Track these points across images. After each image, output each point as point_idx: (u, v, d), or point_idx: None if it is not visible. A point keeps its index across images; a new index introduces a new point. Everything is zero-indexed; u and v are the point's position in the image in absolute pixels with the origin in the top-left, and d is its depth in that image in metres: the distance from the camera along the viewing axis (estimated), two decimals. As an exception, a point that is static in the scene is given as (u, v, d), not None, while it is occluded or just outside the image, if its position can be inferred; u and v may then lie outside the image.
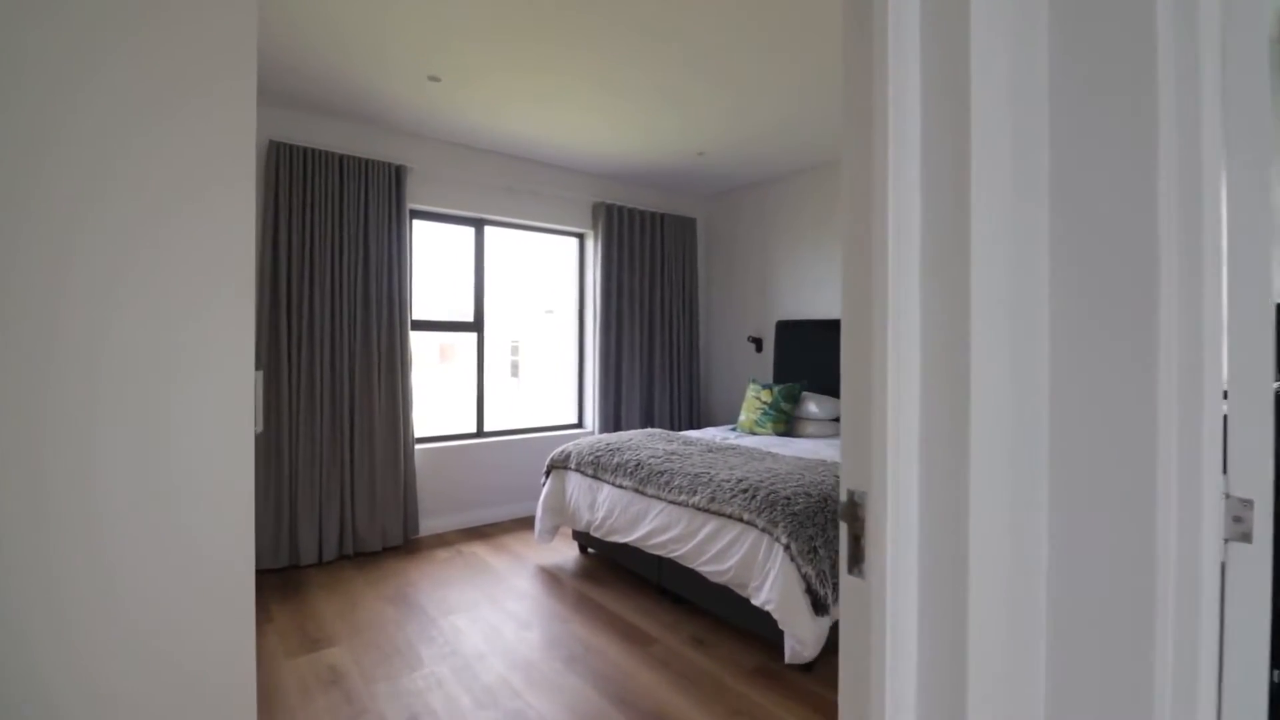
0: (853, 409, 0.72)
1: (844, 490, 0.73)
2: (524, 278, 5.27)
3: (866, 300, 0.71)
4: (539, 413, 5.05)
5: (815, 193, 4.63)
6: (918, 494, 0.67)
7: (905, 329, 0.67)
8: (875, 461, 0.67)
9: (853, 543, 0.71)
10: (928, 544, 0.66)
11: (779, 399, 4.11)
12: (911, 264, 0.68)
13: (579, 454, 3.43)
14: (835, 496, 2.44)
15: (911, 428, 0.67)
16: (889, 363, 0.67)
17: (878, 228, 0.68)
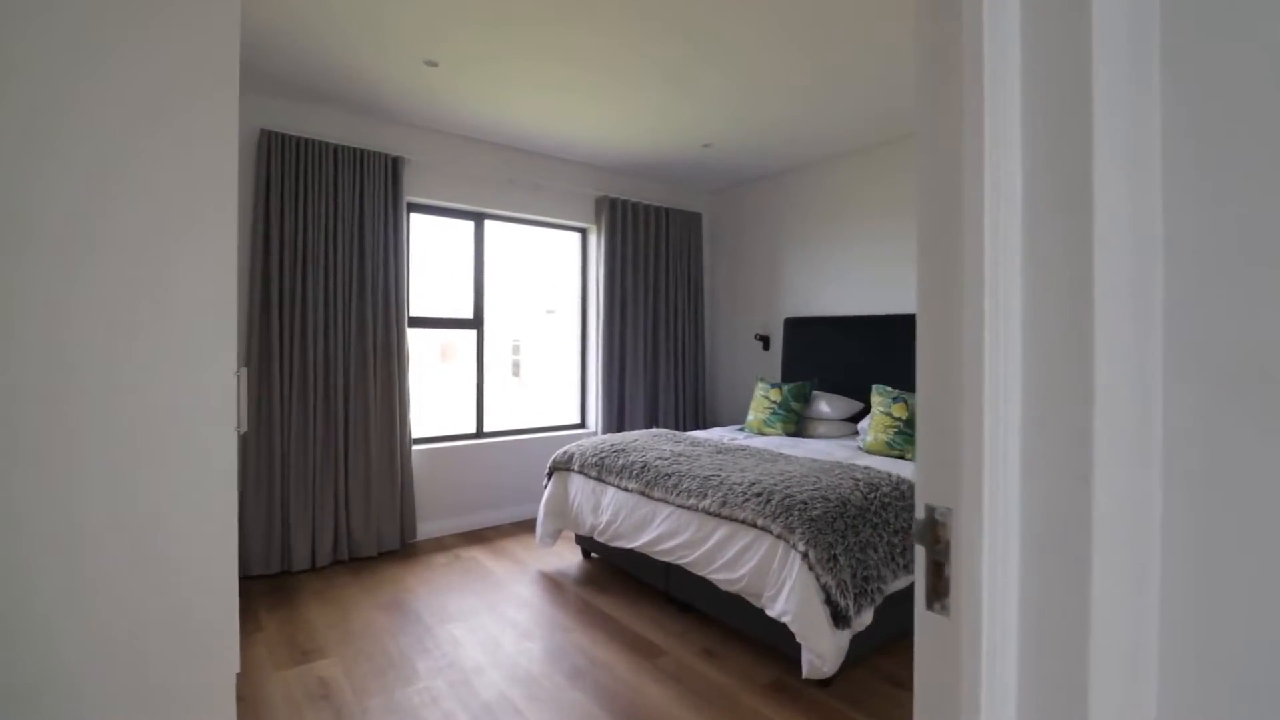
0: (935, 407, 0.59)
1: (920, 505, 0.60)
2: (525, 274, 5.14)
3: (952, 285, 0.57)
4: (541, 413, 4.91)
5: (825, 186, 4.49)
6: (1019, 512, 0.53)
7: (1004, 316, 0.54)
8: (967, 470, 0.54)
9: (933, 571, 0.57)
10: (1035, 575, 0.53)
11: (789, 398, 3.98)
12: (1012, 241, 0.54)
13: (582, 455, 3.30)
14: (854, 501, 2.31)
15: (1011, 428, 0.53)
16: (985, 355, 0.53)
17: (970, 203, 0.55)
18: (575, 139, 4.07)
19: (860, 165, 4.25)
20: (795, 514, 2.20)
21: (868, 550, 2.17)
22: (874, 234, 4.18)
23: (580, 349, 4.84)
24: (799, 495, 2.31)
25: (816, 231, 4.56)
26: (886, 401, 3.41)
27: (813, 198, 4.58)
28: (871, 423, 3.46)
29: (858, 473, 2.62)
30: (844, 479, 2.52)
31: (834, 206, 4.44)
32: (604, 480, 3.10)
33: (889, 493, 2.43)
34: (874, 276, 4.18)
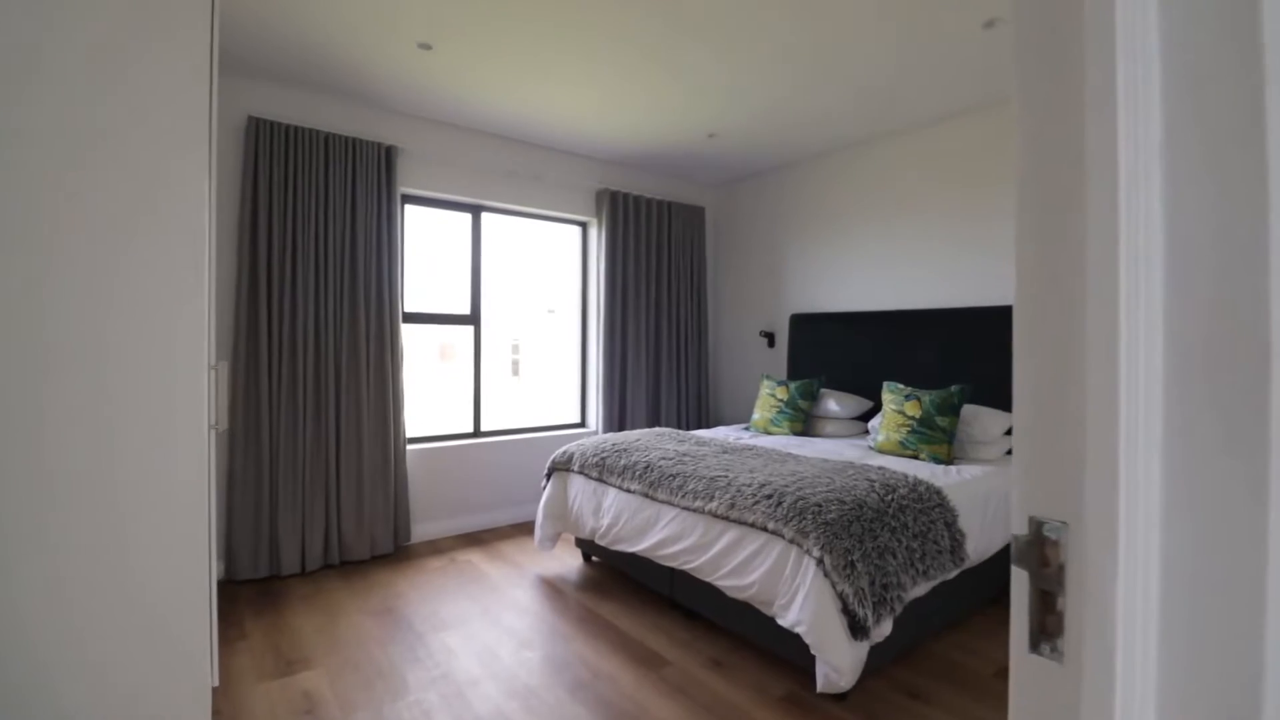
0: (1042, 396, 0.46)
1: (1020, 517, 0.47)
2: (525, 270, 5.01)
3: (1070, 261, 0.44)
4: (541, 413, 4.78)
5: (831, 179, 4.37)
6: (1162, 529, 0.41)
7: (1141, 277, 0.41)
8: (1093, 473, 0.41)
9: (1039, 604, 0.45)
10: (1185, 612, 0.40)
11: (796, 396, 3.85)
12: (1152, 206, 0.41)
13: (582, 455, 3.17)
14: (871, 503, 2.18)
15: (1154, 418, 0.41)
16: (1121, 337, 0.41)
17: (1098, 166, 0.42)
18: (575, 130, 3.94)
19: (867, 158, 4.12)
20: (809, 517, 2.07)
21: (886, 556, 2.04)
22: (882, 228, 4.06)
23: (580, 346, 4.72)
24: (812, 497, 2.18)
25: (822, 225, 4.43)
26: (899, 399, 3.29)
27: (818, 191, 4.45)
28: (883, 421, 3.33)
29: (872, 473, 2.49)
30: (858, 480, 2.39)
31: (840, 200, 4.31)
32: (605, 481, 2.98)
33: (906, 495, 2.31)
34: (883, 272, 4.06)
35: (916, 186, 3.87)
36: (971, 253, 3.61)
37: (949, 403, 3.11)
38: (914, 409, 3.19)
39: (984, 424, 3.14)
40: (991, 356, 3.43)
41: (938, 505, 2.35)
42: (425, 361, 4.47)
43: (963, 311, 3.58)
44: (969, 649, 2.48)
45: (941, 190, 3.73)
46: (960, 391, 3.11)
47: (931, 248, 3.79)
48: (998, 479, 2.83)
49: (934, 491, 2.40)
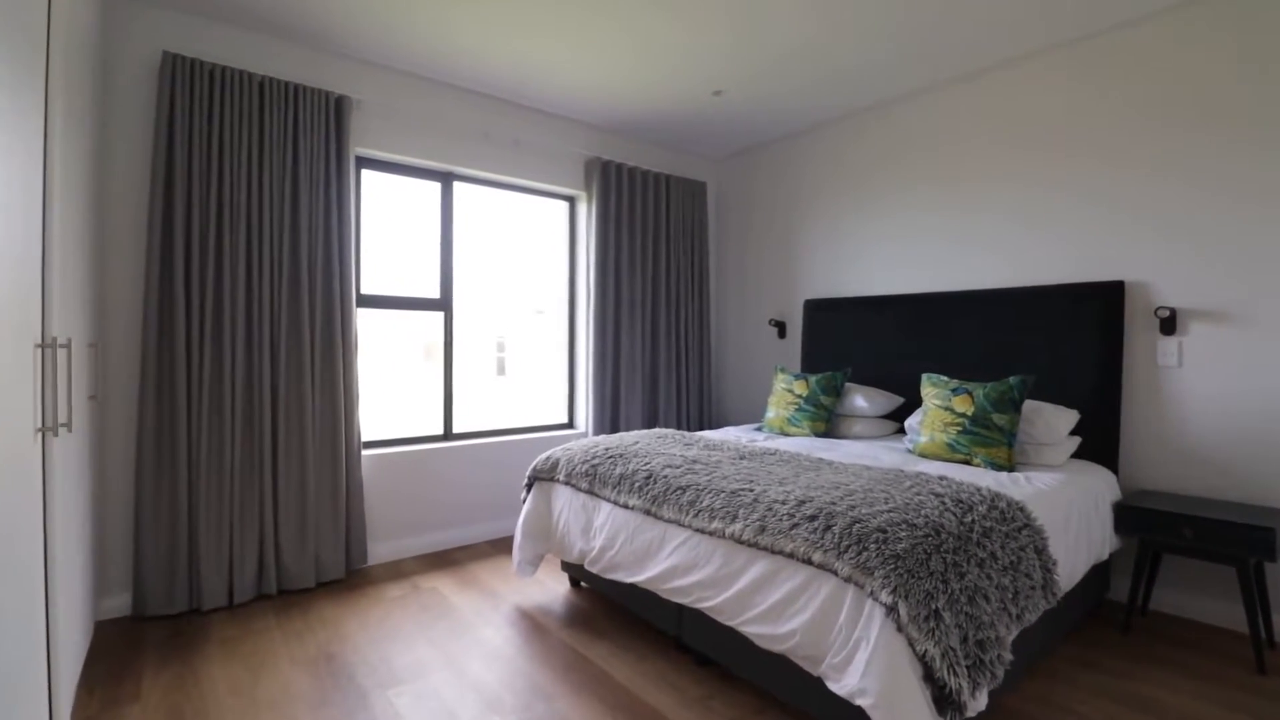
0: None
1: None
2: (507, 252, 4.47)
3: None
4: (529, 413, 4.23)
5: (850, 148, 3.86)
6: None
7: None
8: None
9: None
10: None
11: (817, 391, 3.33)
12: None
13: (570, 462, 2.63)
14: (949, 527, 1.66)
15: None
16: None
17: None
18: (562, 84, 3.41)
19: (902, 117, 3.61)
20: (872, 548, 1.55)
21: (979, 600, 1.52)
22: (910, 202, 3.55)
23: (568, 336, 4.17)
24: (871, 520, 1.65)
25: (842, 200, 3.92)
26: (944, 394, 2.78)
27: (838, 160, 3.94)
28: (925, 420, 2.81)
29: (936, 485, 1.97)
30: (922, 494, 1.87)
31: (865, 170, 3.80)
32: (597, 494, 2.44)
33: (986, 514, 1.79)
34: (914, 250, 3.55)
35: (955, 152, 3.36)
36: (1024, 225, 3.10)
37: (1007, 397, 2.60)
38: (964, 405, 2.68)
39: (1048, 421, 2.64)
40: (1047, 343, 2.93)
41: (1024, 526, 1.83)
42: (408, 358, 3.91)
43: (1011, 293, 3.08)
44: (1059, 705, 1.96)
45: (994, 152, 3.22)
46: (1021, 384, 2.60)
47: (977, 222, 3.28)
48: (1074, 489, 2.33)
49: (1018, 509, 1.88)
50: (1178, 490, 2.65)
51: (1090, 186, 2.88)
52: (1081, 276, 2.91)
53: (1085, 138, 2.89)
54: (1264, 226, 2.44)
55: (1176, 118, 2.64)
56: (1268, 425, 2.44)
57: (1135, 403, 2.77)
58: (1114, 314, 2.77)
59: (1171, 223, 2.66)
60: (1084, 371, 2.82)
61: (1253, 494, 2.47)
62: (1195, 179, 2.60)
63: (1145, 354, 2.75)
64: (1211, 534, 2.26)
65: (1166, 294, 2.68)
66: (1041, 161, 3.03)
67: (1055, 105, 2.99)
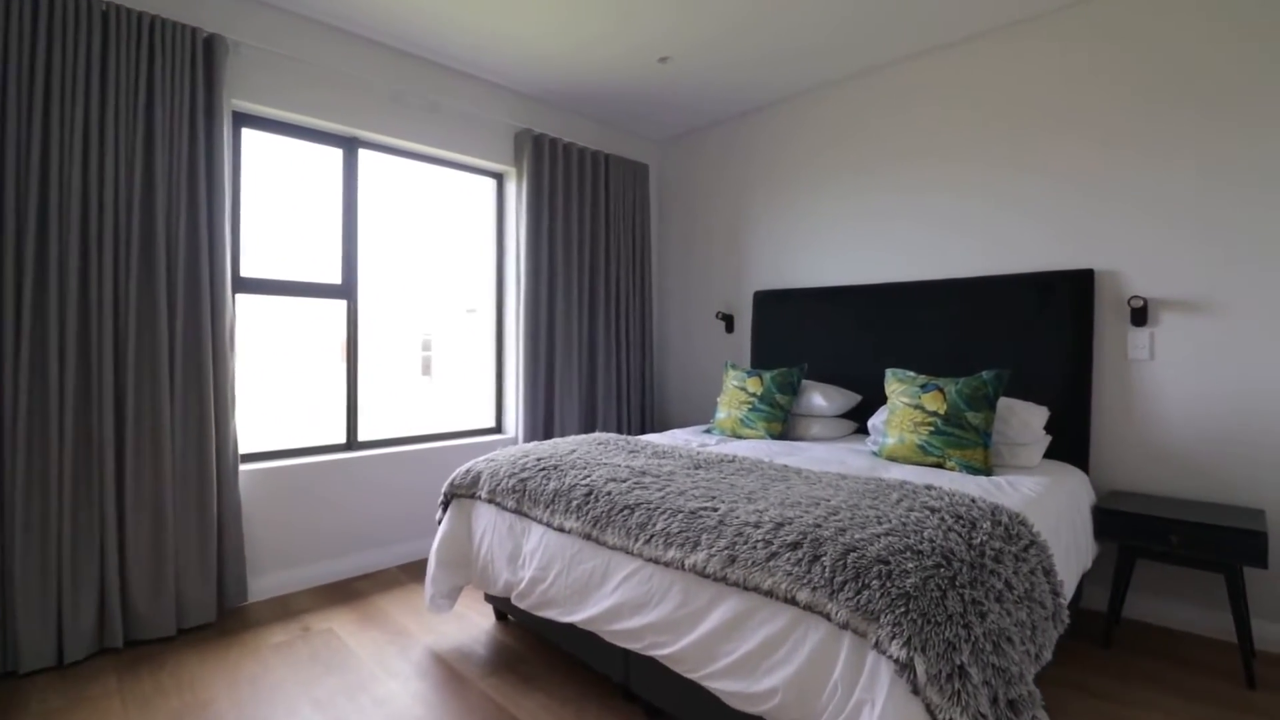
0: None
1: None
2: (430, 237, 3.98)
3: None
4: (455, 417, 3.76)
5: (814, 124, 3.60)
6: None
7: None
8: None
9: None
10: None
11: (772, 390, 3.04)
12: None
13: (494, 476, 2.21)
14: (959, 553, 1.36)
15: None
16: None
17: None
18: (486, 44, 2.97)
19: (847, 100, 3.38)
20: (874, 584, 1.23)
21: (1003, 647, 1.22)
22: (866, 187, 3.32)
23: (495, 329, 3.73)
24: (868, 547, 1.33)
25: (791, 186, 3.66)
26: (912, 391, 2.53)
27: (788, 143, 3.68)
28: (891, 419, 2.56)
29: (926, 496, 1.68)
30: (915, 510, 1.57)
31: (814, 154, 3.55)
32: (526, 514, 2.03)
33: (992, 531, 1.51)
34: (868, 239, 3.32)
35: (919, 131, 3.15)
36: (988, 213, 2.91)
37: (981, 394, 2.37)
38: (936, 402, 2.44)
39: (1024, 420, 2.43)
40: (1013, 335, 2.74)
41: (1031, 544, 1.57)
42: (315, 355, 3.37)
43: (975, 282, 2.88)
44: (1060, 746, 1.72)
45: (956, 134, 3.02)
46: (996, 379, 2.38)
47: (938, 208, 3.07)
48: (1060, 494, 2.12)
49: (1020, 524, 1.61)
50: (1151, 491, 2.51)
51: (1057, 170, 2.71)
52: (1048, 265, 2.74)
53: (1051, 118, 2.72)
54: (1238, 212, 2.32)
55: (1147, 97, 2.49)
56: (1242, 421, 2.31)
57: (1105, 398, 2.61)
58: (1084, 304, 2.60)
59: (1142, 209, 2.52)
60: (1052, 365, 2.65)
61: (1228, 494, 2.34)
62: (1166, 162, 2.46)
63: (1115, 346, 2.60)
64: (1199, 540, 2.09)
65: (1137, 283, 2.53)
66: (1006, 144, 2.85)
67: (1021, 83, 2.81)
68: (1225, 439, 2.35)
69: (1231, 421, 2.34)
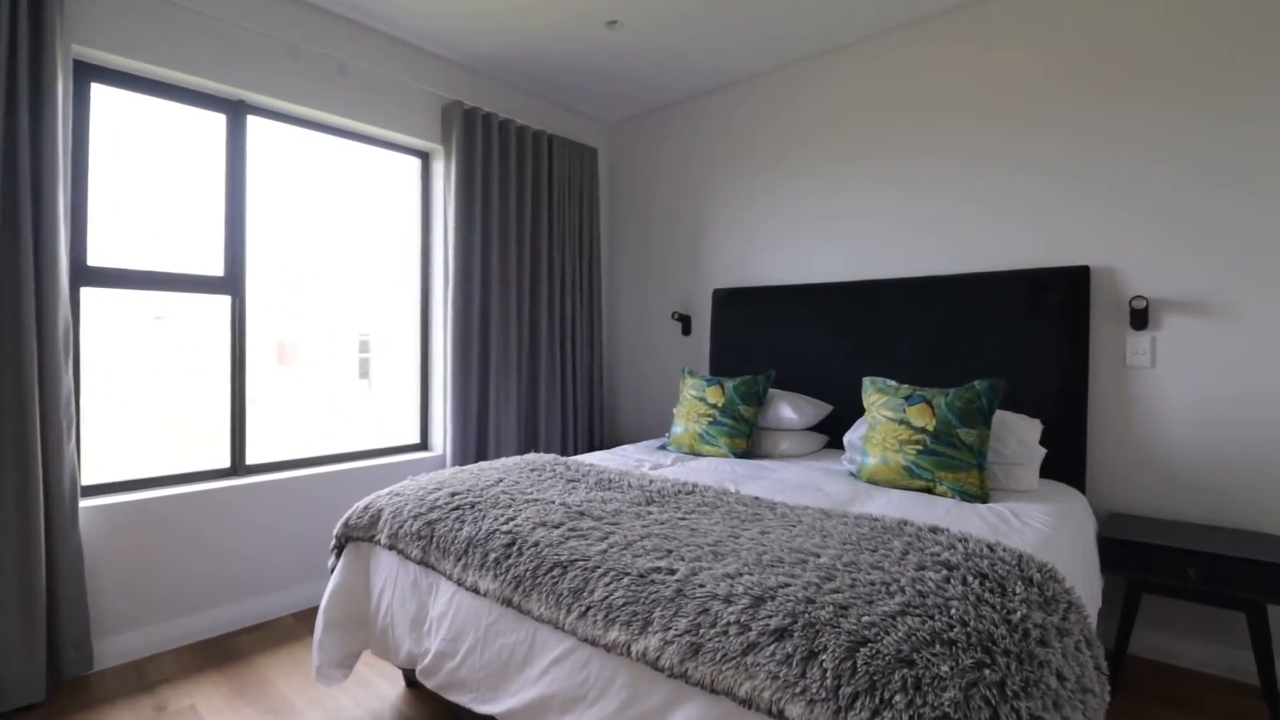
0: None
1: None
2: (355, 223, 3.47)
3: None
4: (393, 426, 3.28)
5: (776, 107, 3.27)
6: None
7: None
8: None
9: None
10: None
11: (735, 400, 2.68)
12: None
13: (397, 515, 1.77)
14: (999, 637, 1.01)
15: None
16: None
17: None
18: (412, 2, 2.52)
19: (823, 80, 3.06)
20: (898, 699, 0.87)
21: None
22: (842, 175, 3.01)
23: (420, 330, 3.26)
24: (882, 635, 0.97)
25: (758, 175, 3.32)
26: (895, 403, 2.21)
27: (755, 127, 3.34)
28: (871, 435, 2.24)
29: (937, 545, 1.34)
30: (928, 565, 1.22)
31: (784, 139, 3.22)
32: (434, 567, 1.61)
33: (1024, 594, 1.17)
34: (843, 233, 3.01)
35: (902, 115, 2.85)
36: (974, 203, 2.63)
37: (974, 407, 2.07)
38: (923, 417, 2.12)
39: (1020, 437, 2.14)
40: (1002, 339, 2.46)
41: (1069, 607, 1.24)
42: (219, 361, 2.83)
43: (959, 280, 2.59)
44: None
45: (942, 119, 2.73)
46: (990, 390, 2.08)
47: (921, 198, 2.78)
48: (1071, 526, 1.82)
49: (1052, 578, 1.28)
50: (1154, 514, 2.26)
51: (1049, 159, 2.44)
52: (1040, 261, 2.47)
53: (1042, 104, 2.45)
54: (1246, 204, 2.08)
55: (1144, 85, 2.24)
56: (1255, 436, 2.07)
57: (1101, 409, 2.35)
58: (1079, 305, 2.34)
59: (1141, 200, 2.26)
60: (1045, 372, 2.38)
61: (1240, 517, 2.10)
62: (1165, 152, 2.21)
63: (1112, 352, 2.34)
64: (1220, 574, 1.84)
65: (1136, 281, 2.28)
66: (996, 131, 2.57)
67: (1010, 68, 2.53)
68: (1235, 455, 2.11)
69: (1242, 436, 2.10)
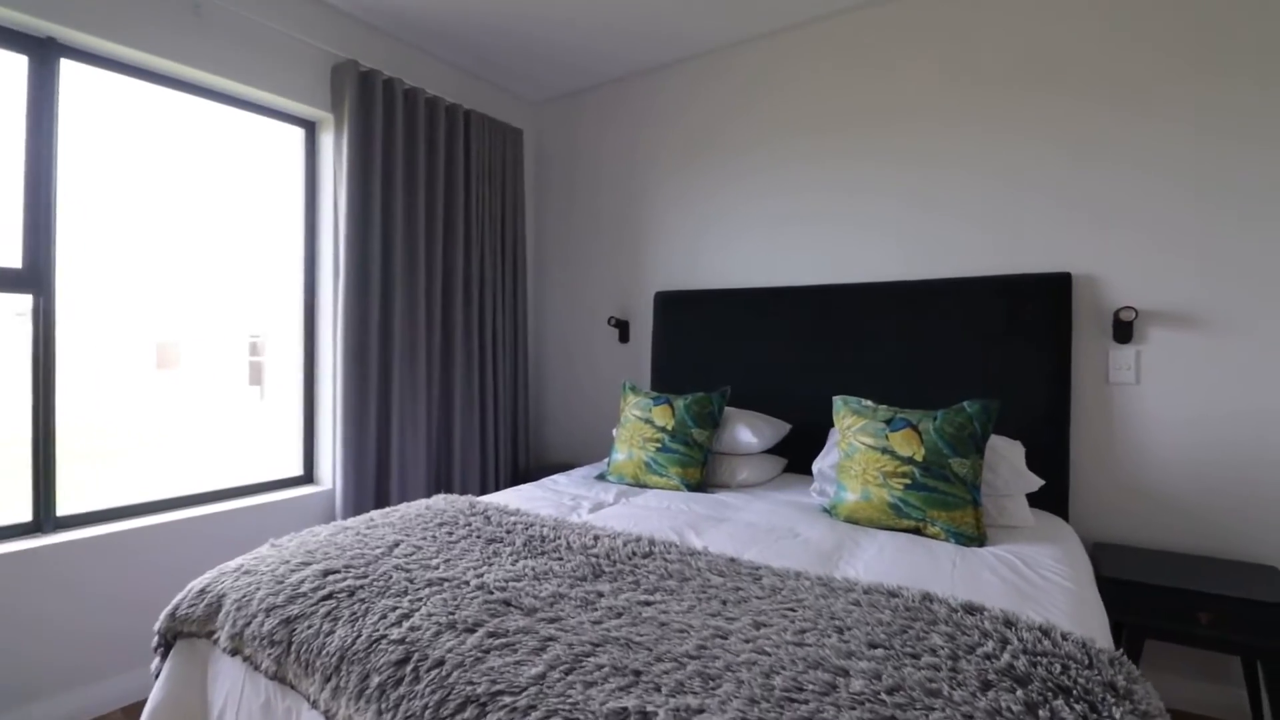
0: None
1: None
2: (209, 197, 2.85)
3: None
4: (276, 447, 2.70)
5: (721, 92, 2.93)
6: None
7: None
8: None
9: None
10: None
11: (687, 422, 2.31)
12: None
13: (243, 606, 1.27)
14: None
15: None
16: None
17: None
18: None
19: (787, 56, 2.76)
20: None
21: None
22: (805, 174, 2.71)
23: (304, 336, 2.69)
24: None
25: (711, 165, 2.98)
26: (875, 427, 1.91)
27: (710, 114, 2.99)
28: (847, 465, 1.93)
29: (988, 641, 1.02)
30: (996, 685, 0.89)
31: (741, 126, 2.89)
32: (294, 686, 1.13)
33: (1091, 700, 0.85)
34: (806, 232, 2.71)
35: (868, 105, 2.58)
36: (945, 205, 2.39)
37: (966, 432, 1.79)
38: (910, 445, 1.82)
39: (1013, 465, 1.89)
40: (979, 352, 2.23)
41: (1125, 698, 0.93)
42: None
43: (930, 286, 2.35)
44: None
45: (913, 110, 2.47)
46: (983, 413, 1.81)
47: (889, 197, 2.52)
48: (1082, 574, 1.57)
49: (1131, 677, 0.98)
50: (1141, 543, 2.07)
51: (1027, 161, 2.23)
52: (1019, 267, 2.25)
53: (1019, 104, 2.24)
54: (1237, 212, 1.92)
55: (1127, 89, 2.06)
56: (1245, 459, 1.92)
57: (1084, 429, 2.16)
58: (1061, 315, 2.13)
59: (1126, 206, 2.08)
60: (1025, 389, 2.16)
61: (1230, 547, 1.95)
62: (1149, 157, 2.03)
63: (1094, 367, 2.15)
64: (1232, 620, 1.64)
65: (1120, 291, 2.10)
66: (972, 133, 2.34)
67: (982, 66, 2.31)
68: (1226, 479, 1.95)
69: (1233, 458, 1.94)
